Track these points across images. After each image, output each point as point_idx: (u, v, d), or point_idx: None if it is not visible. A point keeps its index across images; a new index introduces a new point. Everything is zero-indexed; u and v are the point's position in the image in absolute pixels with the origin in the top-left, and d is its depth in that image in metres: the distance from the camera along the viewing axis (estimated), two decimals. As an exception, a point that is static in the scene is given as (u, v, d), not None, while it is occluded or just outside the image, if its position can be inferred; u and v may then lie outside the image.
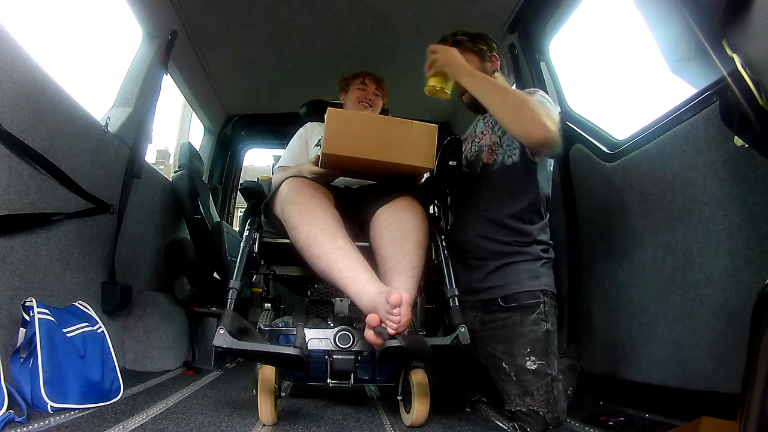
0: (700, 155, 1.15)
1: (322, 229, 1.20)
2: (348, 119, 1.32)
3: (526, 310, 1.29)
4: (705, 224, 1.15)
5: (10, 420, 1.02)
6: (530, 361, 1.25)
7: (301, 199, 1.28)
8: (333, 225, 1.22)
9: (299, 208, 1.26)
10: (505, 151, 1.40)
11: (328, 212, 1.26)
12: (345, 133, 1.26)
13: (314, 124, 1.81)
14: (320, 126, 1.82)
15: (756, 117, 0.67)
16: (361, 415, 1.34)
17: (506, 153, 1.40)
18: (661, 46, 1.08)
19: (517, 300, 1.31)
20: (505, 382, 1.29)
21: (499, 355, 1.30)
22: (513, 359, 1.27)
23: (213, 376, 1.85)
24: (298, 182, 1.33)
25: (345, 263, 1.15)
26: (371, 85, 1.79)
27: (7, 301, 1.23)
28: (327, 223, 1.22)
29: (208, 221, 2.30)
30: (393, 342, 1.02)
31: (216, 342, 1.02)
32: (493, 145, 1.43)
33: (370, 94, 1.78)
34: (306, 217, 1.23)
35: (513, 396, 1.26)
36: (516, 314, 1.30)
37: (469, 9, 1.90)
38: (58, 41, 38.22)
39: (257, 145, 3.29)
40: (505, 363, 1.29)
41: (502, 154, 1.41)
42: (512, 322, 1.30)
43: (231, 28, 2.08)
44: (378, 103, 1.80)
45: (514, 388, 1.27)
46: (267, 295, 1.55)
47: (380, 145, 1.26)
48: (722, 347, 1.09)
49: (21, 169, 1.29)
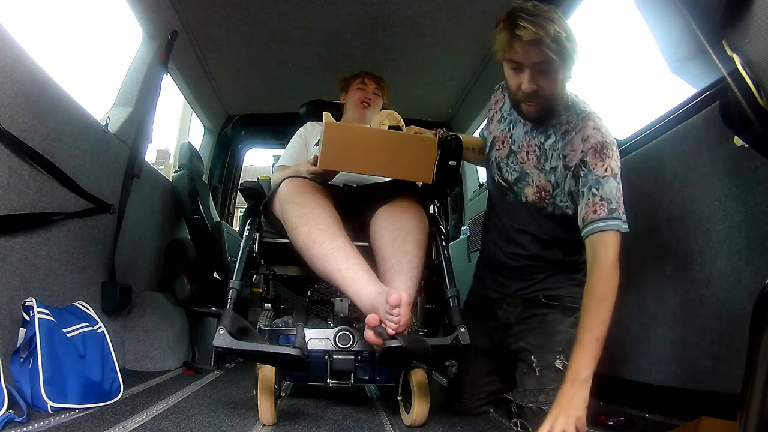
0: (700, 155, 1.15)
1: (321, 230, 1.20)
2: (345, 133, 1.31)
3: (567, 312, 1.28)
4: (705, 224, 1.15)
5: (10, 420, 1.01)
6: (559, 360, 1.24)
7: (300, 199, 1.28)
8: (332, 225, 1.22)
9: (298, 208, 1.26)
10: (556, 204, 1.27)
11: (327, 212, 1.26)
12: (342, 146, 1.24)
13: (314, 123, 1.81)
14: (320, 125, 1.82)
15: (756, 117, 0.67)
16: (361, 415, 1.34)
17: (557, 206, 1.27)
18: (661, 46, 1.08)
19: (560, 300, 1.31)
20: (526, 376, 1.28)
21: (531, 348, 1.29)
22: (544, 354, 1.26)
23: (213, 376, 1.85)
24: (297, 182, 1.33)
25: (344, 263, 1.15)
26: (371, 85, 1.79)
27: (7, 301, 1.23)
28: (326, 224, 1.22)
29: (208, 221, 2.30)
30: (393, 342, 1.02)
31: (216, 342, 1.02)
32: (543, 193, 1.27)
33: (370, 93, 1.77)
34: (305, 217, 1.23)
35: (528, 391, 1.25)
36: (557, 312, 1.30)
37: (469, 9, 1.90)
38: (58, 41, 38.17)
39: (257, 145, 3.29)
40: (534, 356, 1.27)
41: (552, 205, 1.27)
42: (552, 319, 1.29)
43: (231, 28, 2.08)
44: (378, 102, 1.80)
45: (533, 384, 1.25)
46: (267, 295, 1.55)
47: (378, 160, 1.25)
48: (722, 347, 1.09)
49: (21, 169, 1.29)
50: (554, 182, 1.25)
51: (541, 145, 1.27)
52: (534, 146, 1.29)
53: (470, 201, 2.96)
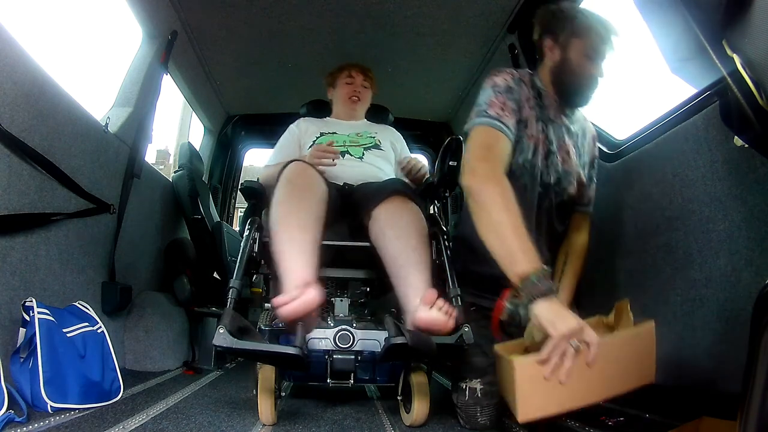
0: (700, 155, 1.15)
1: (299, 218, 1.19)
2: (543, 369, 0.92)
3: None
4: (705, 224, 1.15)
5: (10, 420, 1.01)
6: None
7: (299, 180, 1.27)
8: (311, 218, 1.21)
9: (292, 188, 1.25)
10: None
11: (315, 204, 1.25)
12: (543, 387, 0.92)
13: (307, 120, 1.77)
14: (315, 122, 1.78)
15: (756, 117, 0.67)
16: (361, 415, 1.34)
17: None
18: (661, 46, 1.08)
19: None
20: None
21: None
22: None
23: (213, 376, 1.85)
24: (302, 167, 1.32)
25: (296, 247, 1.15)
26: (358, 77, 1.77)
27: (7, 301, 1.23)
28: (307, 214, 1.21)
29: (208, 221, 2.30)
30: (398, 339, 1.02)
31: (216, 341, 1.02)
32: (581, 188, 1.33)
33: (359, 86, 1.76)
34: (293, 200, 1.23)
35: None
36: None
37: (469, 9, 1.90)
38: (58, 41, 38.20)
39: (257, 145, 3.28)
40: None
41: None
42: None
43: (231, 28, 2.08)
44: (367, 95, 1.79)
45: None
46: (267, 295, 1.55)
47: (591, 384, 0.93)
48: (722, 347, 1.09)
49: (21, 169, 1.29)
50: (587, 176, 1.35)
51: (575, 143, 1.32)
52: (571, 144, 1.30)
53: (470, 201, 2.95)
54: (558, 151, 1.28)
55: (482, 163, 1.09)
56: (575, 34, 1.22)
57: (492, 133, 1.14)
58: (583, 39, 1.21)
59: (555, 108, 1.29)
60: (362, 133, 1.75)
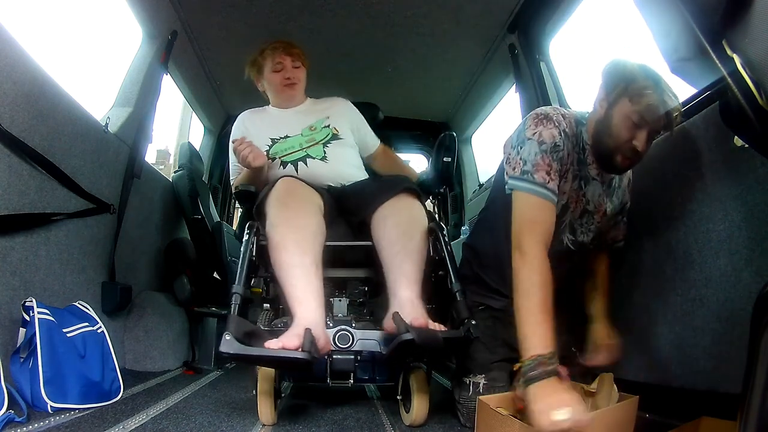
0: (700, 155, 1.15)
1: (296, 240, 1.18)
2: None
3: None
4: (705, 224, 1.15)
5: (10, 420, 1.02)
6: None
7: (290, 200, 1.25)
8: (309, 238, 1.20)
9: (285, 209, 1.23)
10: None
11: (311, 223, 1.23)
12: None
13: (251, 117, 1.65)
14: (260, 119, 1.66)
15: (756, 117, 0.67)
16: (361, 415, 1.34)
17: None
18: (661, 46, 1.08)
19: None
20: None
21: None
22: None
23: (213, 376, 1.85)
24: (292, 183, 1.30)
25: (303, 282, 1.14)
26: (286, 61, 1.59)
27: (7, 301, 1.23)
28: (303, 235, 1.20)
29: (208, 221, 2.30)
30: (406, 336, 1.02)
31: (222, 348, 1.01)
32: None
33: (289, 71, 1.60)
34: (287, 220, 1.21)
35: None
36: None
37: (469, 9, 1.90)
38: (58, 41, 38.07)
39: (257, 145, 3.28)
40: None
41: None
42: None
43: (231, 28, 2.08)
44: (300, 76, 1.62)
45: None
46: (266, 296, 1.54)
47: None
48: (722, 347, 1.08)
49: (21, 169, 1.29)
50: (620, 221, 1.34)
51: (612, 196, 1.28)
52: (608, 201, 1.27)
53: (470, 201, 2.96)
54: (594, 212, 1.25)
55: (529, 238, 1.07)
56: (627, 93, 1.10)
57: (539, 204, 1.10)
58: (633, 101, 1.09)
59: (596, 164, 1.22)
60: (314, 125, 1.59)
